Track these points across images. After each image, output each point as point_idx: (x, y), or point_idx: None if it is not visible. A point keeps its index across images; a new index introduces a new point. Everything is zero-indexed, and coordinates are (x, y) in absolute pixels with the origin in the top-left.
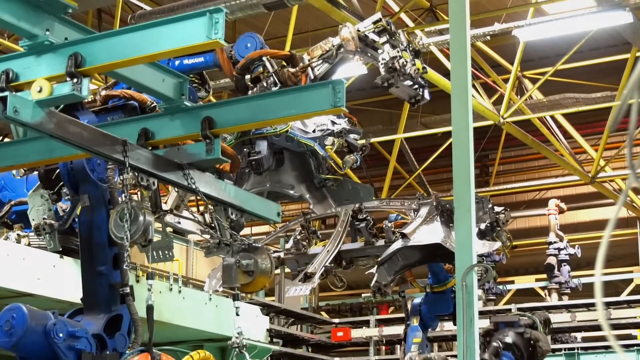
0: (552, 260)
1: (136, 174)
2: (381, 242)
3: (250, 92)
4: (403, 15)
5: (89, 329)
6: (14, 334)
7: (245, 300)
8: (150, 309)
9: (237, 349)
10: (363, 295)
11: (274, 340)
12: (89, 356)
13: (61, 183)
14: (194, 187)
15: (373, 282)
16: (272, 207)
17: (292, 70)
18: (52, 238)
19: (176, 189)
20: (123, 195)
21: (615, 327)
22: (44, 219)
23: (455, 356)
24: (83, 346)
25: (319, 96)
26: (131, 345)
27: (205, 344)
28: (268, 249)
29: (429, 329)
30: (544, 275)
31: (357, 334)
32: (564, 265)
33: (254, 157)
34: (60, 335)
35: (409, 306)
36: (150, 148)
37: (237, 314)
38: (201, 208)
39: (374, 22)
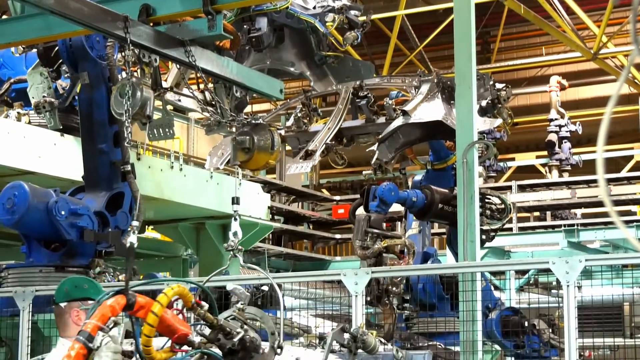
0: (552, 137)
1: (137, 51)
2: (382, 120)
3: None
4: None
5: (91, 206)
6: (17, 211)
7: (247, 177)
8: (131, 248)
9: (232, 252)
10: (364, 172)
11: (275, 217)
12: (91, 233)
13: (60, 61)
14: (195, 63)
15: (374, 160)
16: (274, 84)
17: None
18: (52, 116)
19: (178, 66)
20: (124, 72)
21: (615, 203)
22: (43, 96)
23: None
24: (85, 223)
25: None
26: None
27: (206, 221)
28: (270, 125)
29: None
30: (545, 152)
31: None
32: (565, 142)
33: (253, 34)
34: (62, 212)
35: (409, 183)
36: (151, 24)
37: (235, 219)
38: (201, 86)
39: None
